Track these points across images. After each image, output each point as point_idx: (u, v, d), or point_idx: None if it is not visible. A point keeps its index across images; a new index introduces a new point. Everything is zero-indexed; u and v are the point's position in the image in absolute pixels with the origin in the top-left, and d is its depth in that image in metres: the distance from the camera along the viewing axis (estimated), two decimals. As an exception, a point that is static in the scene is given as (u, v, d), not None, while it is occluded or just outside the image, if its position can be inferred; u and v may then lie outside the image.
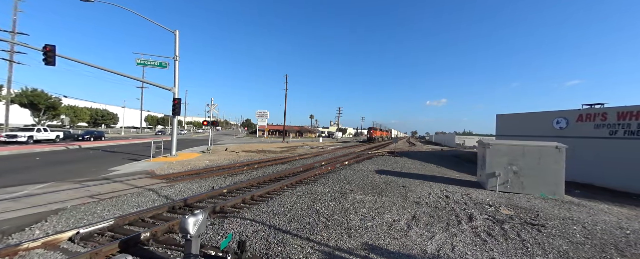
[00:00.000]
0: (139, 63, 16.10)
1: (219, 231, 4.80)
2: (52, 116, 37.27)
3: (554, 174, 8.66)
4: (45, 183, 8.47)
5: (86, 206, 6.10)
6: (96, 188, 7.90)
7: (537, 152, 8.88)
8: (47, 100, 34.39)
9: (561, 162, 8.62)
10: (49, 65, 12.33)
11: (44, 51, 12.30)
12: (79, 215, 5.49)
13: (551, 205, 7.51)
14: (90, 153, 18.24)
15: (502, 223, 5.70)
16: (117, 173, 10.81)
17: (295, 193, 7.70)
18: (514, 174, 8.96)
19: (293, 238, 4.56)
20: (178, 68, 16.66)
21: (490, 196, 8.20)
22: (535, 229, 5.41)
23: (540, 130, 16.50)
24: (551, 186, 8.65)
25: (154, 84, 17.09)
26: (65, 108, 43.89)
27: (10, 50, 26.73)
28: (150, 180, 9.39)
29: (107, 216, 5.50)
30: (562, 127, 15.62)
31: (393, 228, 5.13)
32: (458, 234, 4.97)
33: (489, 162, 9.29)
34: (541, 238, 4.96)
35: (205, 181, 9.28)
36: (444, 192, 8.53)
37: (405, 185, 9.35)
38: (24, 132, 23.52)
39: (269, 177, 10.16)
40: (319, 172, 11.72)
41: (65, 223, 5.11)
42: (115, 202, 6.46)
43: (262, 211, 5.91)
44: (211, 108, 25.14)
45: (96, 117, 58.63)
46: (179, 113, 16.16)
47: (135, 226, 5.12)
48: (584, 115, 14.72)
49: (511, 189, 8.92)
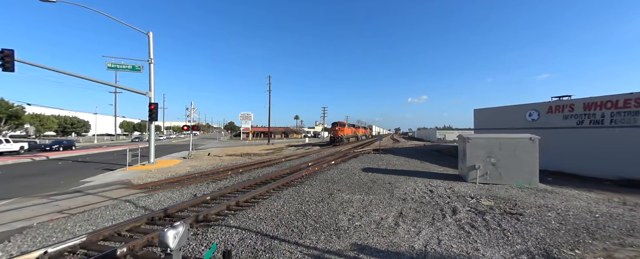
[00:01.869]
0: (110, 67, 15.21)
1: (202, 241, 4.60)
2: (15, 126, 34.52)
3: (529, 164, 9.11)
4: (8, 199, 7.78)
5: (55, 222, 5.65)
6: (66, 202, 7.35)
7: (512, 144, 9.31)
8: (8, 109, 31.78)
9: (535, 152, 9.10)
10: (7, 71, 11.33)
11: (1, 56, 11.29)
12: (47, 233, 5.07)
13: (527, 194, 7.90)
14: (59, 164, 17.03)
15: (484, 214, 5.90)
16: (89, 184, 10.14)
17: (282, 196, 7.57)
18: (492, 166, 9.34)
19: (281, 243, 4.46)
20: (154, 72, 15.91)
21: (471, 189, 8.49)
22: (514, 218, 5.65)
23: (515, 122, 17.37)
24: (527, 176, 9.10)
25: (127, 89, 16.23)
26: (30, 116, 40.73)
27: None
28: (126, 190, 8.89)
29: (79, 232, 5.12)
30: (535, 119, 16.53)
31: (381, 226, 5.16)
32: (443, 228, 5.09)
33: (469, 155, 9.63)
34: (520, 226, 5.18)
35: (187, 189, 8.92)
36: (428, 187, 8.73)
37: (391, 182, 9.48)
38: (-19, 145, 21.57)
39: (254, 181, 9.94)
40: (306, 173, 11.63)
41: (31, 242, 4.70)
42: (87, 216, 6.03)
43: (248, 217, 5.74)
44: (191, 112, 24.31)
45: (65, 125, 54.91)
46: (156, 118, 15.44)
47: (111, 241, 4.79)
48: (553, 107, 15.67)
49: (490, 180, 9.30)
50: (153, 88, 15.74)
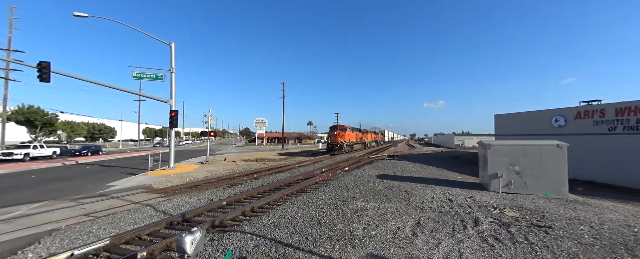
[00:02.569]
0: (134, 76, 16.07)
1: (218, 247, 4.64)
2: (49, 132, 37.02)
3: (557, 173, 8.57)
4: (40, 202, 8.29)
5: (81, 225, 5.93)
6: (92, 206, 7.72)
7: (538, 151, 8.81)
8: (44, 117, 34.19)
9: (563, 161, 8.55)
10: (44, 81, 12.26)
11: (38, 68, 12.25)
12: (74, 235, 5.32)
13: (556, 205, 7.40)
14: (87, 168, 18.01)
15: (509, 226, 5.58)
16: (114, 188, 10.62)
17: (296, 202, 7.55)
18: (516, 174, 8.87)
19: (295, 251, 4.42)
20: (175, 80, 16.63)
21: (494, 198, 8.08)
22: (543, 231, 5.29)
23: (539, 128, 16.50)
24: (555, 186, 8.55)
25: (150, 97, 17.02)
26: (62, 123, 43.63)
27: (6, 68, 26.68)
28: (147, 195, 9.22)
29: (103, 235, 5.34)
30: (561, 124, 15.62)
31: (398, 236, 5.00)
32: (464, 240, 4.85)
33: (491, 163, 9.21)
34: (549, 240, 4.84)
35: (203, 194, 9.12)
36: (447, 196, 8.41)
37: (407, 190, 9.22)
38: (20, 150, 23.28)
39: (269, 187, 10.01)
40: (319, 180, 11.58)
41: (59, 244, 4.94)
42: (111, 220, 6.29)
43: (263, 224, 5.76)
44: (209, 118, 25.08)
45: (93, 132, 58.32)
46: (176, 124, 16.05)
47: (132, 244, 4.96)
48: (582, 112, 14.75)
49: (515, 190, 8.82)
50: (174, 96, 16.42)
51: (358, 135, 36.01)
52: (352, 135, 32.15)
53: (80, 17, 13.39)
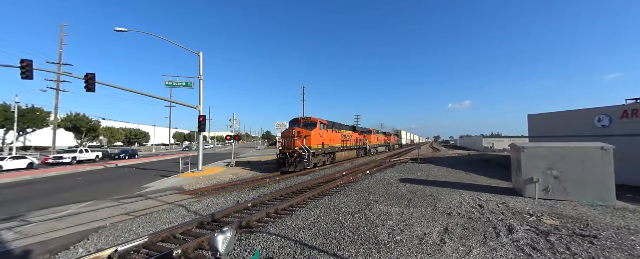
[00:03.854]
0: (167, 84, 17.20)
1: (245, 247, 4.82)
2: (92, 137, 40.63)
3: (602, 177, 7.83)
4: (87, 201, 9.12)
5: (123, 223, 6.45)
6: (131, 206, 8.36)
7: (580, 154, 8.13)
8: (88, 123, 37.63)
9: (609, 164, 7.81)
10: (90, 91, 13.51)
11: (85, 79, 13.54)
12: (117, 233, 5.80)
13: (601, 213, 6.77)
14: (125, 171, 19.47)
15: (547, 234, 5.20)
16: (149, 189, 11.39)
17: (319, 205, 7.61)
18: (554, 179, 8.23)
19: (320, 253, 4.47)
20: (202, 87, 17.55)
21: (529, 205, 7.57)
22: (587, 241, 4.87)
23: (579, 129, 15.18)
24: (599, 191, 7.82)
25: (181, 103, 18.09)
26: (104, 129, 47.68)
27: (56, 80, 29.76)
28: (179, 195, 9.78)
29: (142, 233, 5.76)
30: (605, 124, 14.26)
31: (425, 242, 4.86)
32: (498, 248, 4.60)
33: (525, 167, 8.63)
34: (595, 251, 4.45)
35: (230, 196, 9.49)
36: (476, 201, 8.01)
37: (433, 194, 8.91)
38: (68, 154, 25.78)
39: (291, 189, 10.18)
40: (340, 183, 11.56)
41: (105, 240, 5.42)
42: (148, 219, 6.77)
43: (287, 226, 5.88)
44: (233, 122, 26.05)
45: (130, 136, 62.99)
46: (204, 129, 16.88)
47: (167, 242, 5.30)
48: (629, 111, 13.37)
49: (553, 196, 8.18)
50: (202, 102, 17.31)
51: (349, 136, 23.19)
52: (332, 136, 19.28)
53: (121, 31, 14.64)
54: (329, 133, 18.76)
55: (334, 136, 19.80)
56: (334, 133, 19.90)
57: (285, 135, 16.12)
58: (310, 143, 15.38)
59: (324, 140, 17.56)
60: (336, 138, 20.31)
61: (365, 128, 31.55)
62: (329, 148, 18.55)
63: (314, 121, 16.86)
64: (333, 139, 19.52)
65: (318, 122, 16.92)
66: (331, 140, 19.08)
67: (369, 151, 29.52)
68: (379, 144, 36.35)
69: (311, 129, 16.00)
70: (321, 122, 17.46)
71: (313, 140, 15.70)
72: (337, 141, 20.34)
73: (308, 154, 14.89)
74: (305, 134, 15.48)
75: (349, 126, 24.85)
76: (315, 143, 16.04)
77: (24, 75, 12.21)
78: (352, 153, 23.98)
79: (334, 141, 19.62)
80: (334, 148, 19.62)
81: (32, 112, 31.71)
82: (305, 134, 15.49)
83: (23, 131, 32.28)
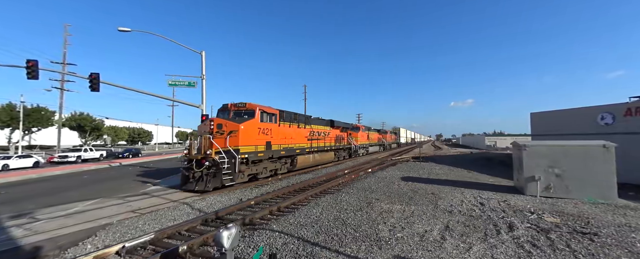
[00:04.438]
0: (170, 84, 17.34)
1: (249, 243, 4.92)
2: (96, 136, 41.04)
3: (604, 175, 7.85)
4: (94, 199, 9.28)
5: (129, 220, 6.58)
6: (137, 203, 8.50)
7: (582, 152, 8.14)
8: (92, 123, 38.02)
9: (611, 162, 7.81)
10: (94, 91, 13.69)
11: (89, 79, 13.71)
12: (124, 229, 5.93)
13: (603, 211, 6.79)
14: (129, 169, 19.69)
15: (548, 232, 5.25)
16: (154, 187, 11.54)
17: (320, 203, 7.70)
18: (556, 177, 8.25)
19: (322, 250, 4.55)
20: (205, 87, 17.67)
21: (531, 203, 7.60)
22: (587, 238, 4.91)
23: (582, 127, 15.11)
24: (601, 189, 7.83)
25: (184, 102, 18.24)
26: (107, 128, 48.17)
27: (61, 80, 30.07)
28: (183, 193, 9.91)
29: (148, 229, 5.88)
30: (608, 123, 14.18)
31: (425, 239, 4.93)
32: (498, 245, 4.66)
33: (527, 165, 8.65)
34: (595, 248, 4.49)
35: (233, 194, 9.60)
36: (478, 199, 8.06)
37: (434, 192, 8.97)
38: (73, 152, 26.10)
39: (293, 187, 10.27)
40: (342, 181, 11.64)
41: (112, 237, 5.54)
42: (154, 216, 6.89)
43: (289, 223, 5.97)
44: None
45: (133, 136, 63.51)
46: (206, 128, 17.00)
47: (173, 239, 5.41)
48: (633, 109, 13.29)
49: (555, 194, 8.21)
50: (204, 101, 17.43)
51: (323, 134, 18.63)
52: (290, 133, 14.45)
53: (124, 31, 14.77)
54: (281, 129, 13.46)
55: (293, 132, 14.65)
56: (293, 129, 14.72)
57: (201, 132, 10.92)
58: (239, 142, 10.28)
59: (270, 138, 12.33)
60: (298, 136, 15.21)
61: (349, 124, 25.63)
62: (285, 150, 13.65)
63: (251, 109, 11.56)
64: (292, 137, 14.43)
65: (258, 111, 11.53)
66: (288, 138, 14.04)
67: (356, 153, 25.00)
68: (371, 143, 31.50)
69: (244, 121, 10.90)
70: (265, 111, 12.14)
71: (245, 138, 10.61)
72: (299, 140, 15.24)
73: (235, 161, 9.94)
74: (231, 129, 10.36)
75: (324, 120, 20.11)
76: (250, 143, 10.94)
77: (30, 75, 12.41)
78: (327, 156, 19.16)
79: (293, 140, 14.51)
80: (293, 149, 14.43)
81: (37, 112, 32.12)
82: (232, 129, 10.36)
83: (28, 130, 32.71)
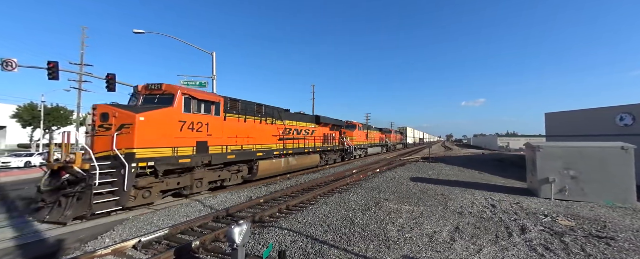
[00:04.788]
0: (182, 84, 17.73)
1: (259, 240, 5.02)
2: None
3: (622, 178, 7.58)
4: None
5: (145, 216, 6.80)
6: (150, 200, 8.74)
7: (599, 154, 7.88)
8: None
9: (630, 164, 7.54)
10: (111, 91, 14.18)
11: (106, 79, 14.20)
12: (139, 225, 6.14)
13: (621, 214, 6.57)
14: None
15: (562, 235, 5.13)
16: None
17: (329, 202, 7.74)
18: (571, 179, 8.03)
19: (330, 248, 4.60)
20: (216, 86, 17.99)
21: (544, 205, 7.43)
22: (603, 242, 4.78)
23: (600, 128, 14.60)
24: (619, 193, 7.57)
25: (194, 102, 18.62)
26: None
27: (79, 80, 31.18)
28: (194, 191, 10.14)
29: (162, 225, 6.08)
30: (628, 123, 13.66)
31: (434, 240, 4.91)
32: (509, 247, 4.59)
33: (540, 167, 8.45)
34: (611, 252, 4.37)
35: (243, 191, 9.76)
36: (489, 201, 7.93)
37: (444, 193, 8.87)
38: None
39: (301, 186, 10.36)
40: (350, 181, 11.65)
41: (129, 231, 5.75)
42: (167, 212, 7.10)
43: (298, 221, 6.05)
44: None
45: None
46: (216, 127, 17.31)
47: (186, 234, 5.58)
48: (655, 109, 12.75)
49: (570, 196, 7.98)
50: (214, 101, 17.76)
51: (305, 132, 15.36)
52: (248, 129, 10.69)
53: (139, 33, 15.21)
54: (229, 124, 9.67)
55: (252, 129, 10.90)
56: (252, 125, 10.97)
57: (87, 131, 7.43)
58: (133, 143, 6.75)
59: (206, 137, 8.66)
60: (262, 134, 11.51)
61: (341, 121, 20.80)
62: (236, 153, 9.92)
63: (170, 92, 7.76)
64: (250, 135, 10.72)
65: (179, 95, 7.74)
66: (243, 136, 10.33)
67: (350, 154, 21.14)
68: (371, 144, 27.38)
69: (149, 109, 7.24)
70: (194, 97, 8.25)
71: (146, 136, 7.00)
72: (263, 140, 11.55)
73: (124, 171, 6.44)
74: (122, 121, 6.78)
75: (307, 116, 16.19)
76: (158, 143, 7.28)
77: (51, 75, 12.95)
78: (310, 159, 15.23)
79: (252, 140, 10.82)
80: (251, 152, 10.78)
81: (56, 111, 33.44)
82: (123, 121, 6.77)
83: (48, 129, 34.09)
